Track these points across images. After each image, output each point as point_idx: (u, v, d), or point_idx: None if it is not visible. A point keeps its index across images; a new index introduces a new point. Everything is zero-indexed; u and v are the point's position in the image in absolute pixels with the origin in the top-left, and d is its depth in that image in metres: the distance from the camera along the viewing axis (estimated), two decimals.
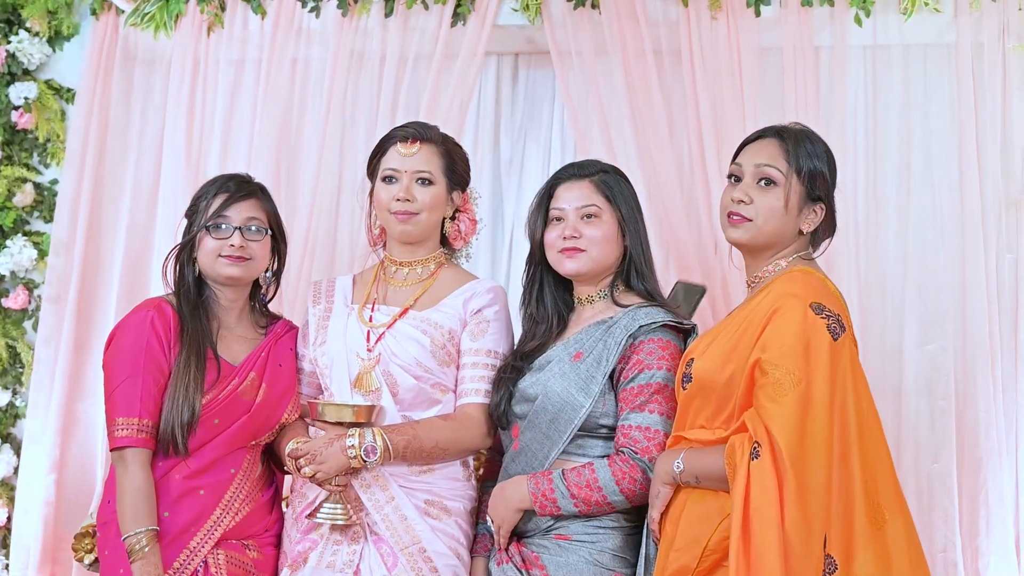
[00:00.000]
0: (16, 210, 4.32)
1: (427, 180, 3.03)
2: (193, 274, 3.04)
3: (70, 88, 4.40)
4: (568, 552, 2.80)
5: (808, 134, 2.79)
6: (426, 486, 2.94)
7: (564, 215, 2.97)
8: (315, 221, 4.09)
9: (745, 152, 2.81)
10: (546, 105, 4.37)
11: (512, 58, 4.36)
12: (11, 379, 4.30)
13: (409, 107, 4.11)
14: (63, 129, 4.37)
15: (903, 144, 3.96)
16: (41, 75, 4.43)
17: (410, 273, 3.11)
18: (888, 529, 2.52)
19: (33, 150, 4.41)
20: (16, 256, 4.27)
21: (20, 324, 4.32)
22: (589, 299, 3.01)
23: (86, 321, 4.24)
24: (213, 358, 2.96)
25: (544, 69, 4.31)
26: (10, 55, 4.35)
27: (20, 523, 4.13)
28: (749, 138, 2.85)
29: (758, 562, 2.37)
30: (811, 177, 2.72)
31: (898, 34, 3.95)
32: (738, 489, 2.44)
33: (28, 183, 4.35)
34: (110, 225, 4.28)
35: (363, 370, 2.98)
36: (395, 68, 4.14)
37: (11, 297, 4.30)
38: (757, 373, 2.52)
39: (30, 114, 4.35)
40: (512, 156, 4.36)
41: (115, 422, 2.87)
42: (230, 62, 4.28)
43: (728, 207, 2.77)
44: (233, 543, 2.95)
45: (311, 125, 4.18)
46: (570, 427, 2.83)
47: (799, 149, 2.73)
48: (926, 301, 3.89)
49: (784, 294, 2.59)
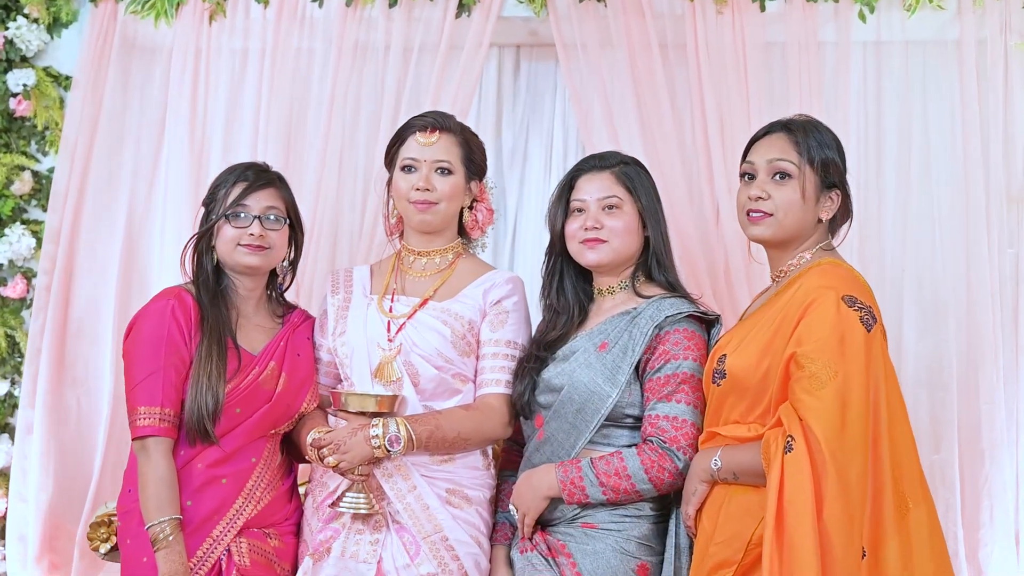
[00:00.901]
0: (14, 198, 4.28)
1: (446, 169, 3.04)
2: (212, 263, 3.04)
3: (68, 76, 4.35)
4: (595, 540, 2.83)
5: (815, 124, 2.84)
6: (447, 475, 2.95)
7: (586, 206, 2.99)
8: (319, 211, 4.08)
9: (755, 149, 2.84)
10: (548, 98, 4.36)
11: (514, 50, 4.35)
12: (10, 369, 4.26)
13: (413, 98, 4.11)
14: (61, 117, 4.31)
15: (904, 140, 4.00)
16: (39, 62, 4.39)
17: (428, 263, 3.12)
18: (911, 517, 2.57)
19: (31, 138, 4.36)
20: (15, 245, 4.23)
21: (18, 313, 4.28)
22: (610, 290, 3.03)
23: (80, 310, 4.21)
24: (233, 347, 2.96)
25: (546, 61, 4.32)
26: (8, 42, 4.31)
27: (16, 512, 4.09)
28: (757, 135, 2.88)
29: (791, 554, 2.39)
30: (824, 165, 2.75)
31: (901, 30, 3.98)
32: (772, 482, 2.46)
33: (26, 171, 4.31)
34: (105, 214, 4.24)
35: (384, 360, 2.98)
36: (399, 59, 4.14)
37: (9, 286, 4.26)
38: (793, 367, 2.55)
39: (28, 101, 4.31)
40: (515, 148, 4.36)
41: (137, 411, 2.86)
42: (233, 52, 4.25)
43: (746, 205, 2.80)
44: (255, 531, 2.95)
45: (314, 116, 4.16)
46: (597, 417, 2.85)
47: (808, 140, 2.77)
48: (926, 295, 3.94)
49: (817, 287, 2.62)
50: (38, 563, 4.06)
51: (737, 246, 3.82)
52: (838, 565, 2.41)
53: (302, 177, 4.08)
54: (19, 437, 4.13)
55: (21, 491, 4.10)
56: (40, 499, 4.09)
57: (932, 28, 3.98)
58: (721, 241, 3.92)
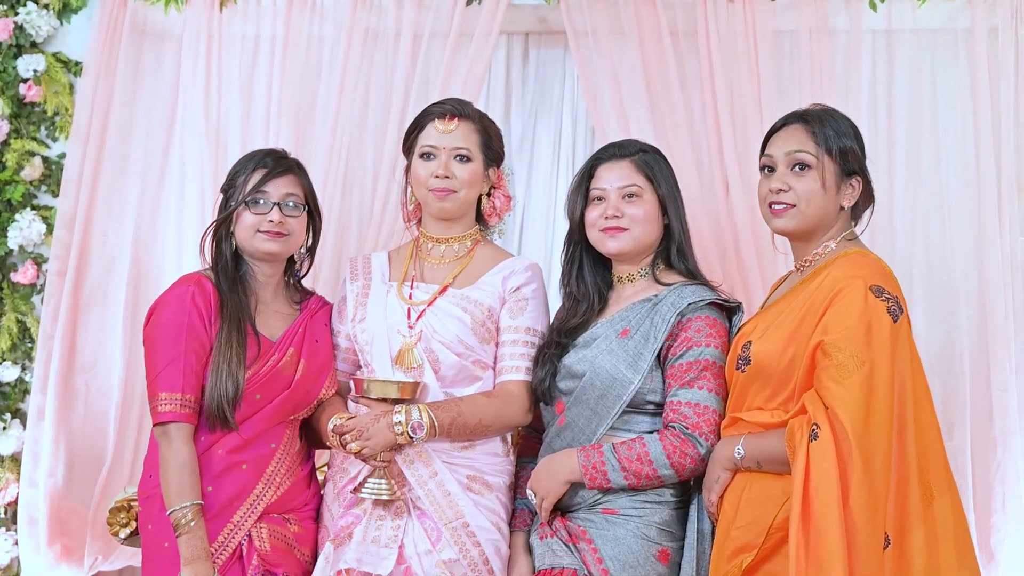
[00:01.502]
0: (24, 184, 4.28)
1: (465, 157, 3.05)
2: (230, 249, 3.04)
3: (78, 61, 4.35)
4: (616, 526, 2.85)
5: (831, 113, 2.85)
6: (468, 461, 2.97)
7: (606, 195, 3.01)
8: (328, 197, 4.07)
9: (773, 142, 2.86)
10: (557, 85, 4.37)
11: (523, 38, 4.35)
12: (21, 354, 4.26)
13: (422, 86, 4.12)
14: (71, 103, 4.32)
15: (915, 128, 4.02)
16: (49, 48, 4.38)
17: (447, 250, 3.13)
18: (936, 506, 2.60)
19: (41, 123, 4.36)
20: (25, 230, 4.23)
21: (29, 299, 4.29)
22: (630, 277, 3.04)
23: (91, 295, 4.21)
24: (253, 334, 2.97)
25: (555, 49, 4.33)
26: (18, 27, 4.31)
27: (27, 497, 4.10)
28: (774, 127, 2.90)
29: (817, 541, 2.41)
30: (842, 154, 2.77)
31: (912, 19, 4.00)
32: (798, 470, 2.48)
33: (36, 156, 4.31)
34: (116, 199, 4.24)
35: (405, 347, 2.99)
36: (409, 46, 4.14)
37: (20, 272, 4.26)
38: (819, 355, 2.57)
39: (38, 87, 4.31)
40: (523, 136, 4.36)
41: (158, 397, 2.87)
42: (243, 38, 4.25)
43: (768, 198, 2.82)
44: (275, 517, 2.97)
45: (324, 102, 4.17)
46: (619, 403, 2.87)
47: (825, 129, 2.79)
48: (936, 283, 3.97)
49: (845, 276, 2.63)
50: (50, 547, 4.06)
51: (747, 231, 3.84)
52: (862, 552, 2.44)
53: (312, 163, 4.04)
54: (31, 422, 4.13)
55: (32, 476, 4.11)
56: (51, 484, 4.09)
57: (943, 16, 4.00)
58: (732, 227, 3.93)
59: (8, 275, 4.28)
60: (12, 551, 4.15)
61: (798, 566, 2.44)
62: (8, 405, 4.26)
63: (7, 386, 4.27)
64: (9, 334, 4.24)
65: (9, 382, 4.26)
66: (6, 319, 4.25)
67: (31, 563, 4.07)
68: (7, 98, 4.30)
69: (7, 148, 4.29)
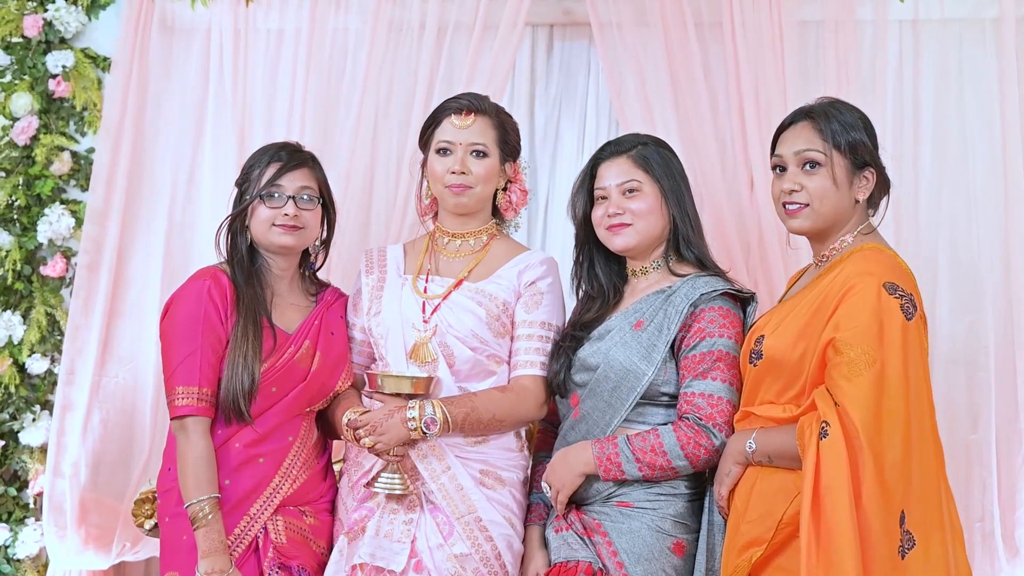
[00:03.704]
0: (53, 178, 4.32)
1: (482, 152, 3.05)
2: (246, 243, 3.06)
3: (106, 57, 4.38)
4: (630, 519, 2.84)
5: (837, 106, 2.81)
6: (481, 456, 2.97)
7: (607, 193, 3.02)
8: (351, 190, 4.09)
9: (782, 141, 2.84)
10: (581, 77, 4.35)
11: (547, 29, 4.34)
12: (50, 347, 4.31)
13: (447, 78, 4.11)
14: (100, 98, 4.35)
15: (942, 119, 3.97)
16: (78, 43, 4.42)
17: (463, 244, 3.13)
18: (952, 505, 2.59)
19: (70, 118, 4.40)
20: (54, 224, 4.27)
21: (58, 292, 4.33)
22: (643, 271, 3.04)
23: (121, 289, 4.25)
24: (269, 327, 2.98)
25: (580, 41, 4.31)
26: (47, 23, 4.35)
27: (54, 488, 4.15)
28: (782, 125, 2.87)
29: (829, 539, 2.40)
30: (852, 148, 2.74)
31: (939, 8, 3.95)
32: (808, 468, 2.47)
33: (65, 151, 4.35)
34: (146, 194, 4.27)
35: (419, 341, 3.00)
36: (433, 38, 4.13)
37: (49, 265, 4.30)
38: (830, 352, 2.55)
39: (67, 83, 4.35)
40: (547, 128, 4.35)
41: (175, 391, 2.89)
42: (268, 32, 4.27)
43: (781, 198, 2.80)
44: (291, 510, 2.98)
45: (348, 95, 4.17)
46: (632, 395, 2.87)
47: (832, 124, 2.75)
48: (962, 274, 3.92)
49: (858, 272, 2.61)
50: (76, 535, 4.10)
51: (772, 224, 3.80)
52: (875, 550, 2.42)
53: (335, 156, 4.10)
54: (57, 413, 4.17)
55: (59, 467, 4.15)
56: (78, 475, 4.14)
57: (970, 6, 3.95)
58: (756, 219, 3.90)
59: (37, 268, 4.33)
60: (41, 541, 4.20)
61: (810, 565, 2.43)
62: (38, 397, 4.31)
63: (36, 378, 4.31)
64: (39, 327, 4.28)
65: (39, 374, 4.30)
66: (36, 312, 4.29)
67: (57, 553, 4.12)
68: (36, 94, 4.34)
69: (37, 143, 4.32)
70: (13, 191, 4.31)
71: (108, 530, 4.15)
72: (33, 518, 4.25)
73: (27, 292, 4.31)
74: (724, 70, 4.00)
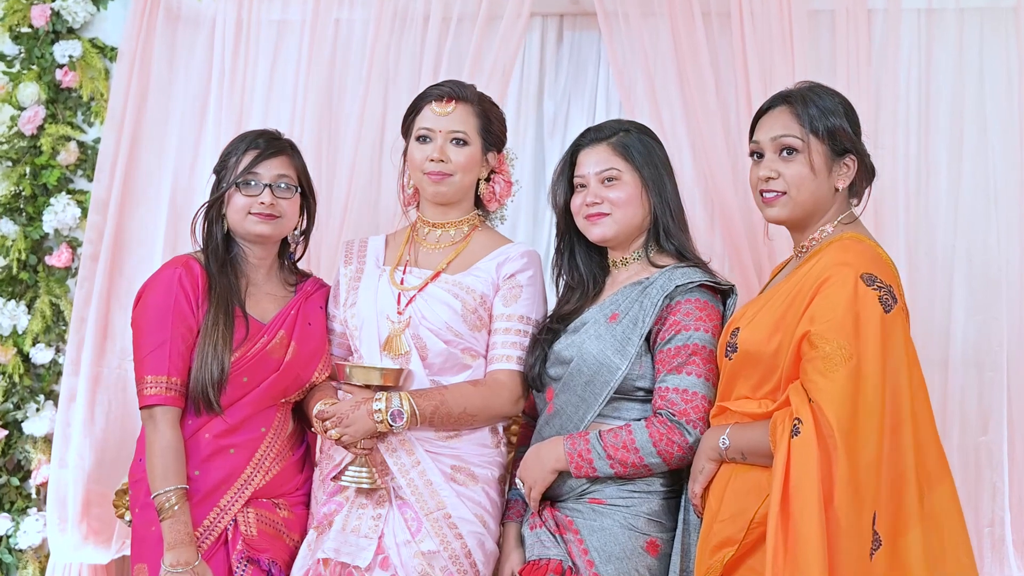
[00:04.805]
0: (60, 168, 4.32)
1: (462, 140, 2.98)
2: (222, 231, 3.02)
3: (114, 47, 4.38)
4: (602, 516, 2.77)
5: (816, 91, 2.71)
6: (453, 451, 2.90)
7: (586, 181, 2.94)
8: (356, 182, 4.04)
9: (759, 127, 2.75)
10: (591, 67, 4.28)
11: (557, 19, 4.28)
12: (55, 337, 4.31)
13: (452, 68, 4.04)
14: (107, 88, 4.35)
15: (958, 111, 3.83)
16: (85, 33, 4.42)
17: (443, 235, 3.06)
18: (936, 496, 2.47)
19: (77, 108, 4.40)
20: (60, 214, 4.27)
21: (63, 282, 4.33)
22: (623, 262, 2.96)
23: (124, 280, 4.23)
24: (242, 316, 2.94)
25: (589, 31, 4.23)
26: (55, 13, 4.35)
27: (57, 479, 4.14)
28: (760, 110, 2.78)
29: (796, 543, 2.31)
30: (831, 134, 2.64)
31: None
32: (778, 467, 2.38)
33: (72, 141, 4.35)
34: (151, 184, 4.26)
35: (393, 333, 2.94)
36: (438, 29, 4.07)
37: (55, 255, 4.30)
38: (805, 346, 2.45)
39: (74, 72, 4.35)
40: (556, 119, 4.28)
41: (144, 380, 2.86)
42: (272, 23, 4.23)
43: (758, 185, 2.72)
44: (264, 502, 2.94)
45: (353, 86, 4.13)
46: (606, 389, 2.79)
47: (810, 110, 2.65)
48: (976, 271, 3.79)
49: (834, 263, 2.51)
50: (78, 527, 4.09)
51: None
52: (845, 554, 2.32)
53: (339, 148, 4.07)
54: (62, 404, 4.17)
55: (64, 457, 4.14)
56: (81, 466, 4.12)
57: None
58: None
59: (43, 258, 4.32)
60: (43, 531, 4.19)
61: (776, 568, 2.33)
62: (42, 387, 4.31)
63: (41, 368, 4.31)
64: (43, 317, 4.28)
65: (43, 364, 4.29)
66: (40, 302, 4.29)
67: (58, 544, 4.10)
68: (44, 83, 4.34)
69: (43, 133, 4.31)
70: (19, 180, 4.31)
71: (109, 524, 4.13)
72: (35, 508, 4.24)
73: (32, 282, 4.31)
74: (732, 61, 3.89)
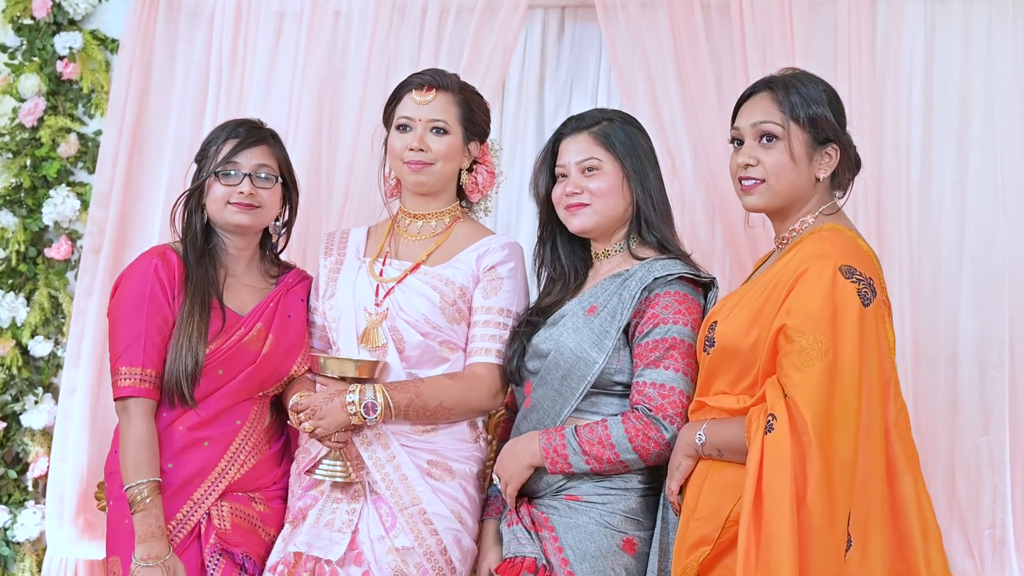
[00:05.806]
0: (60, 160, 4.32)
1: (442, 129, 2.94)
2: (201, 221, 2.99)
3: (115, 39, 4.37)
4: (578, 513, 2.71)
5: (799, 77, 2.65)
6: (429, 446, 2.85)
7: (567, 170, 2.89)
8: (355, 173, 4.01)
9: (741, 113, 2.69)
10: (592, 59, 4.22)
11: (559, 11, 4.23)
12: (53, 329, 4.30)
13: (451, 59, 4.01)
14: (107, 80, 4.35)
15: (964, 103, 3.76)
16: (86, 25, 4.42)
17: (424, 226, 3.02)
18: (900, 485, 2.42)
19: (78, 100, 4.39)
20: (59, 207, 4.26)
21: (63, 275, 4.32)
22: (605, 254, 2.91)
23: None
24: (218, 307, 2.91)
25: (590, 23, 4.16)
26: (56, 5, 4.34)
27: (56, 472, 4.13)
28: (743, 96, 2.73)
29: (767, 540, 2.25)
30: (812, 122, 2.57)
31: None
32: (752, 464, 2.32)
33: (72, 133, 4.34)
34: (152, 177, 4.25)
35: (370, 325, 2.90)
36: (437, 20, 4.04)
37: (54, 247, 4.30)
38: (782, 340, 2.39)
39: (75, 64, 4.34)
40: (557, 110, 4.22)
41: (118, 371, 2.84)
42: (271, 14, 4.21)
43: (737, 173, 2.66)
44: (239, 495, 2.91)
45: (352, 78, 4.10)
46: (583, 383, 2.73)
47: (791, 96, 2.59)
48: (981, 267, 3.71)
49: (812, 255, 2.44)
50: (75, 522, 4.08)
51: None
52: (818, 555, 2.26)
53: (338, 139, 4.05)
54: (62, 397, 4.16)
55: (63, 450, 4.14)
56: (79, 459, 4.11)
57: None
58: None
59: (42, 251, 4.32)
60: (41, 524, 4.19)
61: (747, 567, 2.27)
62: (41, 379, 4.31)
63: (40, 360, 4.31)
64: (42, 309, 4.28)
65: (42, 356, 4.29)
66: (39, 294, 4.28)
67: (56, 537, 4.09)
68: (45, 75, 4.34)
69: (43, 125, 4.32)
70: (19, 172, 4.31)
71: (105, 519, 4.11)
72: (33, 501, 4.24)
73: (31, 274, 4.31)
74: (731, 53, 3.83)
